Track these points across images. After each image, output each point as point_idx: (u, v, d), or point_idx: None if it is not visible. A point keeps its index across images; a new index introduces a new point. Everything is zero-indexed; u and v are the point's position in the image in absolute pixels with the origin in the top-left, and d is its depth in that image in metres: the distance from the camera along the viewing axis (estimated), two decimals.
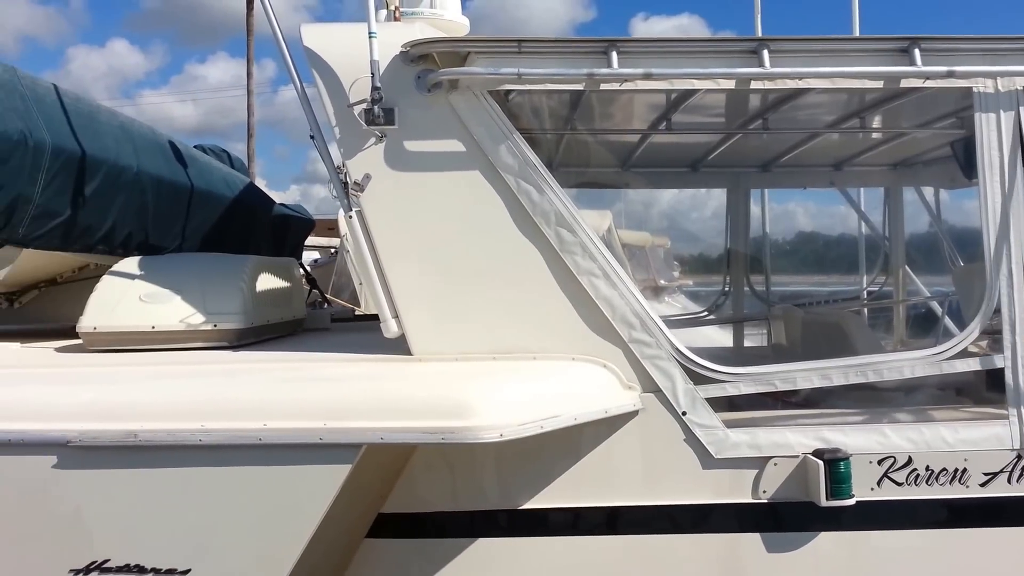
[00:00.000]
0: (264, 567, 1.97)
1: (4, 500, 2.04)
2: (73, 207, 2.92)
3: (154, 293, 2.69)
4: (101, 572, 1.99)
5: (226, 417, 2.02)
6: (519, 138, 2.37)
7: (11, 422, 2.05)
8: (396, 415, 1.98)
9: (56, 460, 2.02)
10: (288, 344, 2.81)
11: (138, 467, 2.01)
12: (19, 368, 2.47)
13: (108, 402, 2.10)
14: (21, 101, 2.80)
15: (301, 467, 1.97)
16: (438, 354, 2.33)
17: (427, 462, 2.26)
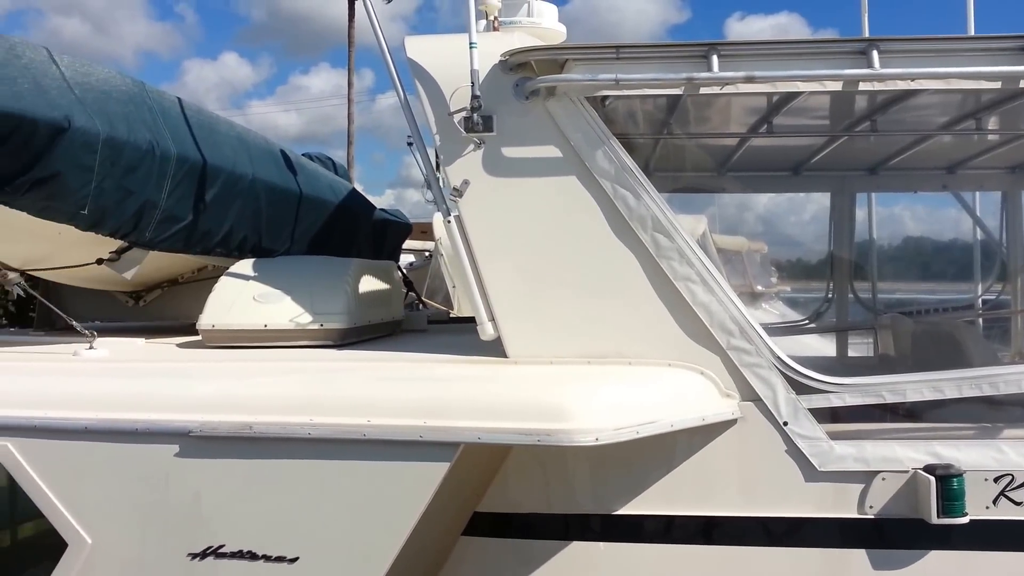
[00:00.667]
0: (367, 558, 2.05)
1: (130, 485, 2.19)
2: (195, 212, 3.11)
3: (266, 294, 2.84)
4: (216, 556, 2.11)
5: (333, 412, 2.11)
6: (616, 143, 2.39)
7: (139, 412, 2.21)
8: (493, 416, 2.03)
9: (178, 449, 2.16)
10: (388, 344, 2.91)
11: (252, 457, 2.13)
12: (145, 362, 2.65)
13: (226, 396, 2.23)
14: (149, 113, 3.01)
15: (402, 463, 2.04)
16: (533, 357, 2.37)
17: (522, 464, 2.30)
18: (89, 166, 2.71)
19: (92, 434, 2.20)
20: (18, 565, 2.93)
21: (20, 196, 2.63)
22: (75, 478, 2.21)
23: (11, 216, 2.69)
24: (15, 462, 2.23)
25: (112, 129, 2.77)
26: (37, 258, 3.05)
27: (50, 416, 2.24)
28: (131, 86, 3.03)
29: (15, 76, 2.59)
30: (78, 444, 2.21)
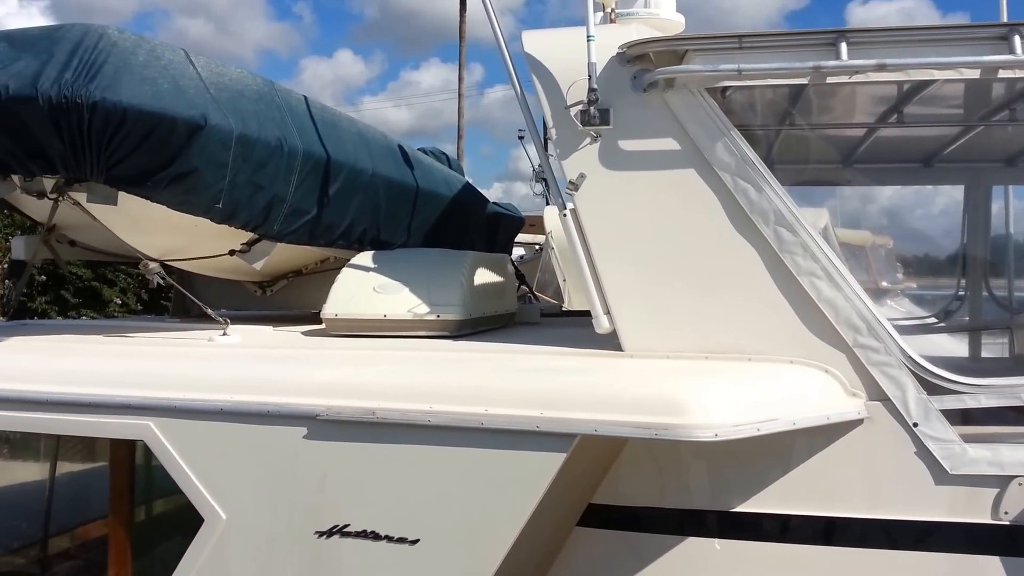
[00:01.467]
0: (484, 544, 2.09)
1: (262, 464, 2.31)
2: (319, 206, 3.24)
3: (386, 285, 2.93)
4: (342, 535, 2.20)
5: (451, 401, 2.16)
6: (737, 135, 2.34)
7: (270, 395, 2.32)
8: (610, 408, 2.03)
9: (306, 431, 2.26)
10: (503, 336, 2.95)
11: (375, 441, 2.20)
12: (275, 349, 2.79)
13: (350, 382, 2.32)
14: (278, 111, 3.15)
15: (519, 452, 2.07)
16: (649, 351, 2.35)
17: (637, 457, 2.30)
18: (223, 162, 2.86)
19: (227, 415, 2.33)
20: (154, 539, 3.14)
21: (160, 190, 2.81)
22: (211, 456, 2.34)
23: (152, 209, 2.87)
24: (156, 440, 2.38)
25: (244, 127, 2.92)
26: (175, 249, 3.25)
27: (188, 397, 2.38)
28: (261, 85, 3.18)
29: (156, 77, 2.76)
30: (214, 425, 2.34)
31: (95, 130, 2.64)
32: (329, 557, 2.20)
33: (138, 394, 2.41)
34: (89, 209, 2.91)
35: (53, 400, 2.49)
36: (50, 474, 4.36)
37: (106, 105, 2.61)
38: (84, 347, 2.90)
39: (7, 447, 4.98)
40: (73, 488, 4.56)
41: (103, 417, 2.44)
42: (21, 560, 4.42)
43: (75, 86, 2.61)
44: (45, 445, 4.49)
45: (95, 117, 2.62)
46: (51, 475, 4.36)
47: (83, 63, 2.66)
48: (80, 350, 2.87)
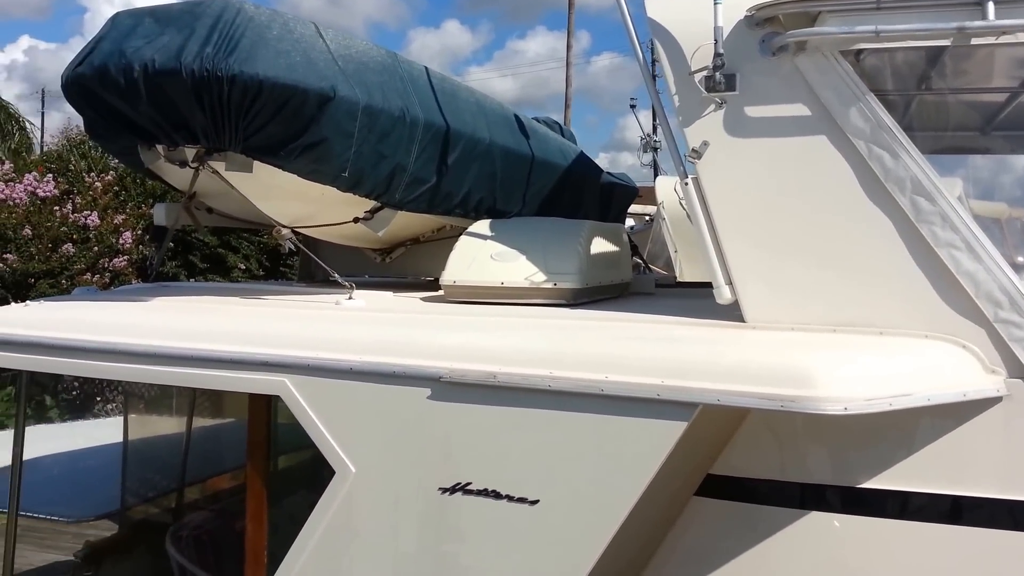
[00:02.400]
0: (603, 508, 2.12)
1: (389, 422, 2.41)
2: (438, 175, 3.31)
3: (503, 253, 2.98)
4: (464, 492, 2.28)
5: (572, 367, 2.19)
6: (873, 100, 2.25)
7: (396, 357, 2.41)
8: (734, 379, 2.01)
9: (430, 392, 2.34)
10: (619, 305, 2.95)
11: (496, 404, 2.26)
12: (399, 313, 2.89)
13: (473, 345, 2.38)
14: (400, 82, 3.23)
15: (639, 420, 2.09)
16: (773, 323, 2.31)
17: (759, 428, 2.27)
18: (350, 132, 2.97)
19: (356, 374, 2.44)
20: (285, 491, 3.32)
21: (292, 160, 2.94)
22: (342, 412, 2.46)
23: (284, 178, 3.01)
24: (291, 396, 2.52)
25: (370, 98, 3.01)
26: (303, 216, 3.39)
27: (321, 356, 2.50)
28: (385, 57, 3.27)
29: (289, 50, 2.88)
30: (344, 383, 2.46)
31: (234, 102, 2.78)
32: (451, 512, 2.28)
33: (275, 352, 2.55)
34: (227, 178, 3.08)
35: (197, 356, 2.67)
36: (186, 428, 4.68)
37: (244, 78, 2.75)
38: (223, 307, 3.09)
39: (144, 402, 5.37)
40: (206, 442, 4.88)
41: (243, 373, 2.60)
42: (158, 509, 4.77)
43: (216, 60, 2.75)
44: (179, 402, 4.81)
45: (234, 89, 2.76)
46: (187, 430, 4.68)
47: (222, 37, 2.80)
48: (220, 310, 3.05)
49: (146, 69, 2.81)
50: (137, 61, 2.83)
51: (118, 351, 2.79)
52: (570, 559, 2.16)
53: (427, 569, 2.32)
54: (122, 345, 2.79)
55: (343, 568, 2.43)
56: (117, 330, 2.86)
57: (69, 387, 10.89)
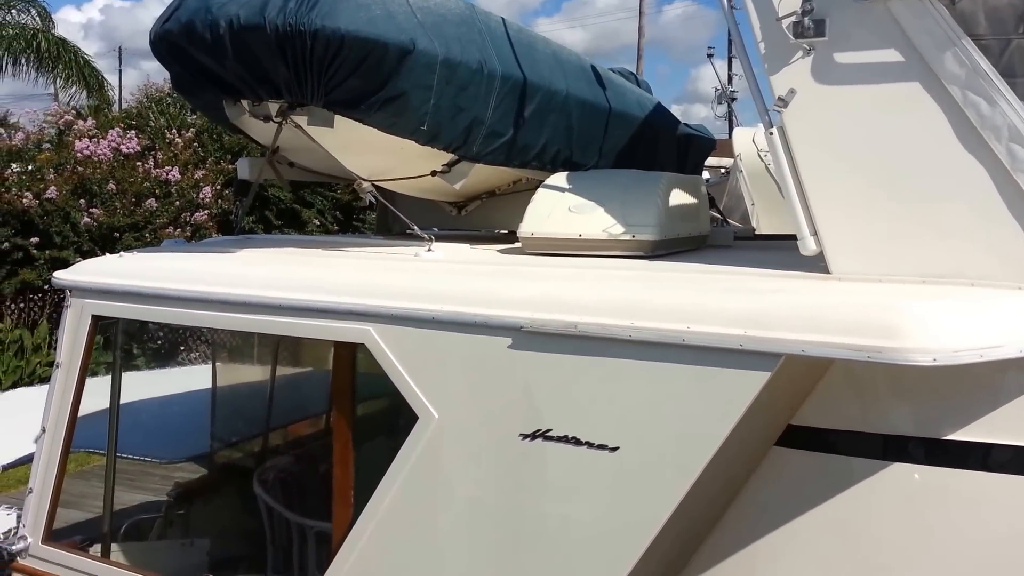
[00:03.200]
0: (683, 457, 2.14)
1: (471, 370, 2.46)
2: (515, 127, 3.32)
3: (581, 205, 2.98)
4: (544, 439, 2.33)
5: (653, 317, 2.20)
6: (969, 44, 2.16)
7: (477, 307, 2.46)
8: (819, 329, 1.99)
9: (511, 341, 2.38)
10: (698, 257, 2.94)
11: (577, 354, 2.29)
12: (478, 264, 2.93)
13: (553, 296, 2.41)
14: (478, 35, 3.23)
15: (721, 370, 2.09)
16: (860, 274, 2.27)
17: (842, 379, 2.25)
18: (429, 85, 2.99)
19: (438, 323, 2.50)
20: (369, 437, 3.44)
21: (373, 113, 2.98)
22: (424, 361, 2.53)
23: (364, 132, 3.06)
24: (376, 344, 2.60)
25: (448, 51, 3.02)
26: (382, 170, 3.45)
27: (403, 306, 2.57)
28: (463, 9, 3.26)
29: (369, 3, 2.91)
30: (427, 332, 2.52)
31: (316, 56, 2.83)
32: (532, 458, 2.34)
33: (359, 302, 2.63)
34: (309, 132, 3.15)
35: (285, 305, 2.77)
36: (271, 376, 4.86)
37: (326, 32, 2.79)
38: (308, 258, 3.18)
39: (231, 351, 5.58)
40: (290, 389, 5.07)
41: (328, 322, 2.69)
42: (245, 453, 4.99)
43: (298, 14, 2.80)
44: (261, 352, 4.99)
45: (316, 44, 2.80)
46: (271, 377, 4.86)
47: None
48: (305, 261, 3.15)
49: (231, 25, 2.88)
50: (223, 17, 2.89)
51: (210, 300, 2.91)
52: (648, 506, 2.20)
53: (507, 512, 2.39)
54: (213, 294, 2.91)
55: (426, 509, 2.51)
56: (208, 280, 2.98)
57: (155, 337, 11.37)
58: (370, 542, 2.58)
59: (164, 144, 12.31)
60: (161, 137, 12.56)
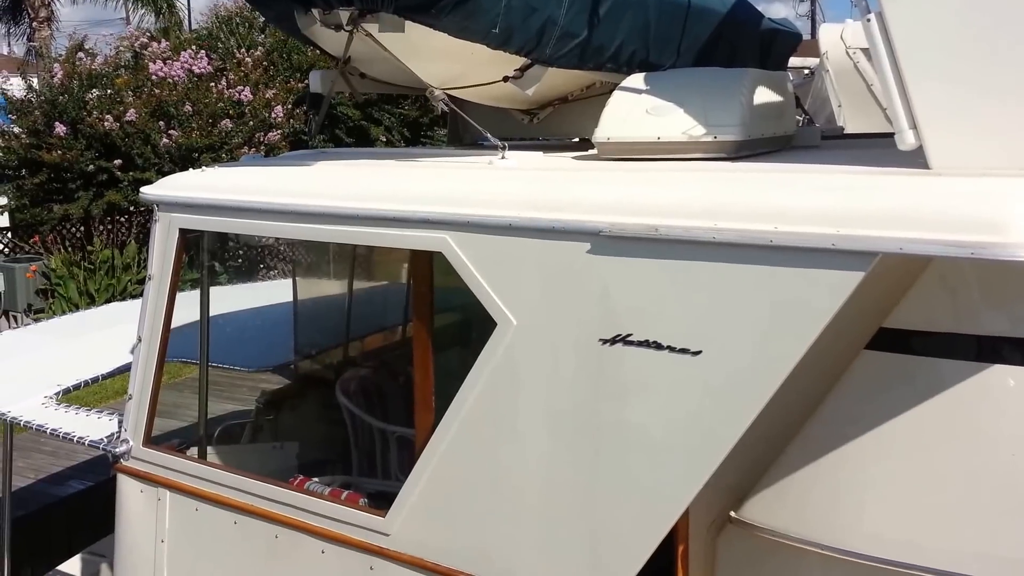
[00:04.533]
0: (769, 361, 2.10)
1: (548, 276, 2.44)
2: (589, 28, 3.19)
3: (659, 107, 2.87)
4: (624, 344, 2.31)
5: (738, 219, 2.13)
6: None
7: (554, 212, 2.42)
8: (916, 226, 1.90)
9: (590, 246, 2.35)
10: (784, 157, 2.82)
11: (658, 257, 2.25)
12: (553, 171, 2.88)
13: (632, 200, 2.35)
14: None
15: (810, 271, 2.02)
16: (961, 168, 2.14)
17: (936, 278, 2.16)
18: None
19: (515, 230, 2.48)
20: (446, 346, 3.49)
21: (443, 17, 2.90)
22: (502, 267, 2.52)
23: (435, 38, 2.99)
24: (453, 252, 2.60)
25: None
26: (452, 77, 3.38)
27: (480, 213, 2.55)
28: None
29: None
30: (504, 239, 2.50)
31: None
32: (612, 363, 2.33)
33: (436, 210, 2.62)
34: (379, 39, 3.09)
35: (363, 215, 2.78)
36: (348, 289, 4.96)
37: None
38: (383, 170, 3.18)
39: (312, 265, 5.70)
40: (369, 301, 5.17)
41: (406, 231, 2.70)
42: (327, 362, 5.15)
43: None
44: (340, 265, 5.08)
45: None
46: (349, 290, 4.96)
47: None
48: (380, 172, 3.15)
49: None
50: None
51: (291, 211, 2.95)
52: (731, 411, 2.17)
53: (586, 417, 2.41)
54: (294, 206, 2.94)
55: (505, 415, 2.55)
56: (289, 192, 3.01)
57: (236, 254, 11.73)
58: (450, 447, 2.64)
59: (234, 65, 12.40)
60: (231, 57, 12.64)
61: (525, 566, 2.51)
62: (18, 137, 12.12)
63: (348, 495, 3.06)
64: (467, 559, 2.61)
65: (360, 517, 2.85)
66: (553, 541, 2.47)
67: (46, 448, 7.75)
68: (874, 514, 2.26)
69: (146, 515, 3.39)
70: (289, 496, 3.02)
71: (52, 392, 4.10)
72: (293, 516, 2.98)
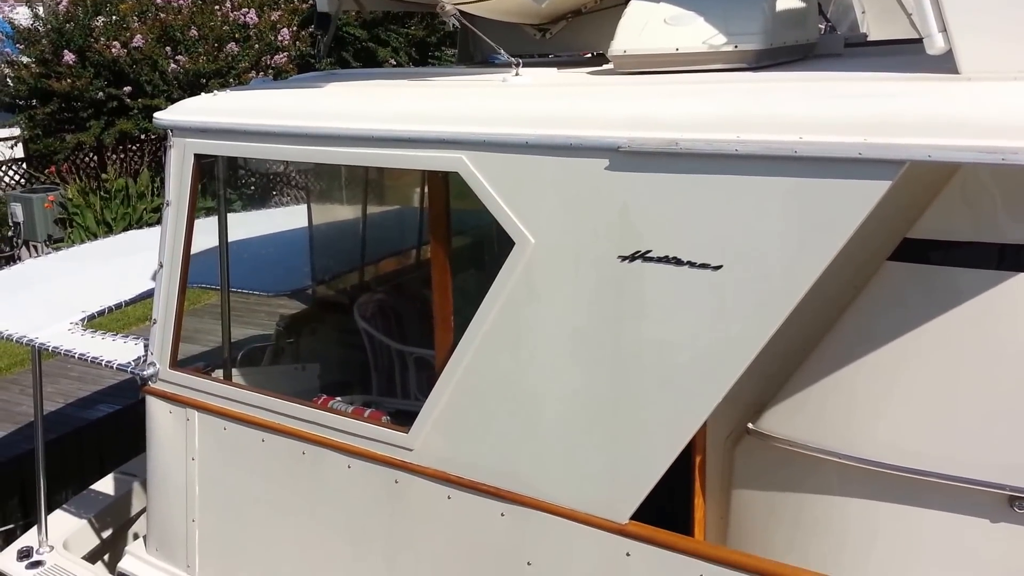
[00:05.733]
0: (791, 273, 2.09)
1: (566, 194, 2.42)
2: None
3: (678, 16, 2.78)
4: (644, 260, 2.30)
5: (761, 130, 2.09)
6: None
7: (571, 129, 2.38)
8: (945, 132, 1.86)
9: (608, 163, 2.32)
10: (807, 66, 2.74)
11: (679, 172, 2.22)
12: (568, 87, 2.82)
13: (651, 114, 2.31)
14: None
15: (836, 181, 1.99)
16: (991, 73, 2.07)
17: (961, 187, 2.12)
18: None
19: (532, 148, 2.44)
20: (463, 267, 3.49)
21: None
22: (519, 186, 2.50)
23: None
24: (469, 172, 2.57)
25: None
26: None
27: (496, 131, 2.51)
28: None
29: None
30: (521, 157, 2.47)
31: None
32: (631, 280, 2.33)
33: (451, 130, 2.58)
34: None
35: (377, 136, 2.75)
36: (362, 213, 4.95)
37: None
38: (397, 90, 3.13)
39: (326, 189, 5.67)
40: (384, 225, 5.16)
41: (421, 151, 2.67)
42: (344, 286, 5.18)
43: None
44: (354, 189, 5.06)
45: None
46: (363, 214, 4.95)
47: None
48: (394, 93, 3.09)
49: None
50: None
51: (305, 134, 2.92)
52: (751, 324, 2.18)
53: (605, 334, 2.42)
54: (308, 128, 2.91)
55: (525, 333, 2.56)
56: (302, 114, 2.98)
57: (249, 182, 11.70)
58: (471, 363, 2.67)
59: None
60: None
61: (546, 478, 2.57)
62: (27, 67, 12.00)
63: (371, 413, 3.12)
64: (489, 472, 2.68)
65: (384, 433, 2.91)
66: (573, 453, 2.52)
67: (73, 374, 7.92)
68: (890, 423, 2.28)
69: (176, 435, 3.48)
70: (315, 414, 3.08)
71: (77, 318, 4.16)
72: (319, 433, 3.05)
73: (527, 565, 2.64)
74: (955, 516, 2.20)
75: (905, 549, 2.30)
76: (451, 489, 2.76)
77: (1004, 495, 2.13)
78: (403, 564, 2.93)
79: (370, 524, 2.98)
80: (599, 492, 2.48)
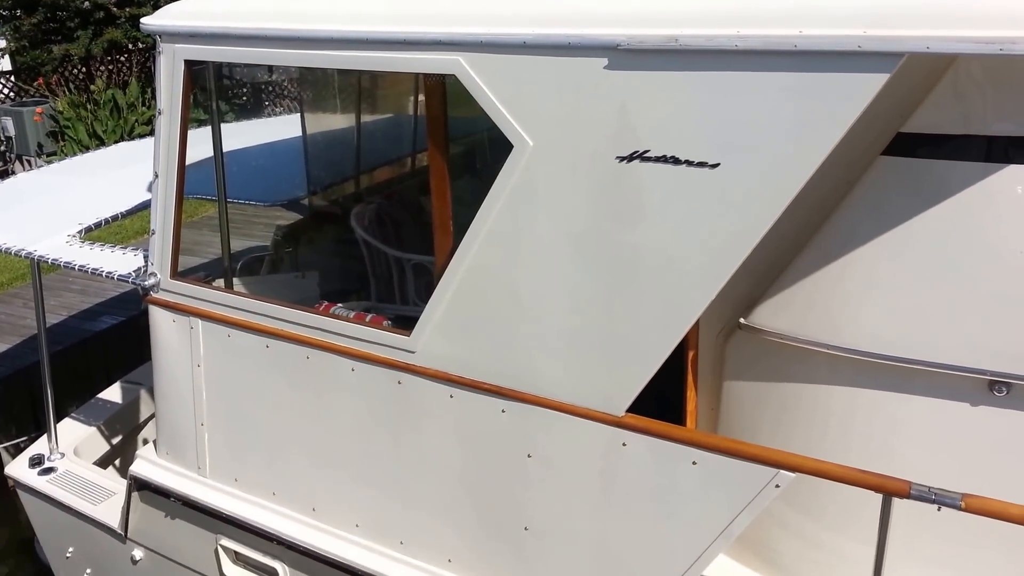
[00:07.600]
0: (788, 168, 2.09)
1: (564, 94, 2.40)
2: None
3: None
4: (642, 160, 2.30)
5: (760, 24, 2.06)
6: None
7: (570, 27, 2.35)
8: (944, 23, 1.84)
9: (607, 62, 2.29)
10: None
11: (678, 69, 2.20)
12: None
13: (650, 10, 2.27)
14: None
15: (835, 75, 1.98)
16: None
17: (953, 81, 2.11)
18: None
19: (530, 48, 2.41)
20: (464, 170, 3.47)
21: None
22: (517, 88, 2.47)
23: None
24: (466, 74, 2.54)
25: None
26: None
27: (493, 31, 2.47)
28: None
29: None
30: (518, 58, 2.44)
31: None
32: (630, 180, 2.34)
33: (447, 31, 2.54)
34: None
35: (372, 39, 2.70)
36: (356, 121, 4.89)
37: None
38: None
39: (318, 97, 5.59)
40: (378, 133, 5.11)
41: (417, 53, 2.63)
42: (340, 194, 5.17)
43: None
44: (344, 99, 4.98)
45: None
46: (357, 122, 4.90)
47: None
48: None
49: None
50: None
51: (298, 38, 2.87)
52: (747, 220, 2.19)
53: (604, 234, 2.44)
54: (301, 31, 2.86)
55: (524, 234, 2.58)
56: (294, 17, 2.91)
57: (240, 91, 11.48)
58: (471, 266, 2.70)
59: None
60: None
61: (545, 375, 2.64)
62: None
63: (372, 318, 3.17)
64: (489, 371, 2.74)
65: (386, 337, 2.96)
66: (572, 350, 2.58)
67: (75, 287, 7.98)
68: (876, 313, 2.34)
69: (180, 343, 3.54)
70: (318, 320, 3.13)
71: (74, 231, 4.16)
72: (322, 338, 3.11)
73: (527, 457, 2.74)
74: (937, 401, 2.28)
75: (887, 432, 2.40)
76: (453, 388, 2.83)
77: (984, 380, 2.21)
78: (408, 462, 3.03)
79: (375, 424, 3.07)
80: (596, 387, 2.55)
